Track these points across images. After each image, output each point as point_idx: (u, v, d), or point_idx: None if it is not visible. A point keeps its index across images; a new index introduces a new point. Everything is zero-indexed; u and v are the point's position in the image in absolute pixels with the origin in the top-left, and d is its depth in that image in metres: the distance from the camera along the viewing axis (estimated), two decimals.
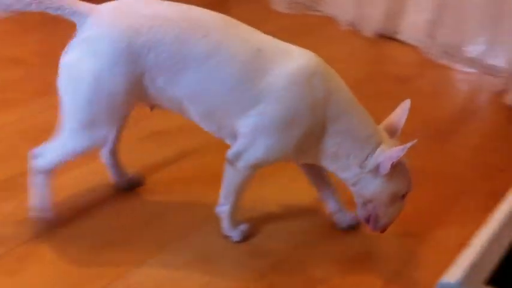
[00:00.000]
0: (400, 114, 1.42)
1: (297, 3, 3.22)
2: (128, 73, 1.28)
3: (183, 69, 1.28)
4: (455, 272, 0.52)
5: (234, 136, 1.37)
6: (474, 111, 2.44)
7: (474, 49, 2.73)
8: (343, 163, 1.38)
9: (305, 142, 1.35)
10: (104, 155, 1.59)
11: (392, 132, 1.42)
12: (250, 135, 1.33)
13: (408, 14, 2.93)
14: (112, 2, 1.34)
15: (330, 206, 1.59)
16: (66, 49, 1.31)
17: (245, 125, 1.32)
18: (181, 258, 1.45)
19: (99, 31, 1.28)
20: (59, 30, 1.55)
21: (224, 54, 1.29)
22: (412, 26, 2.90)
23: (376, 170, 1.36)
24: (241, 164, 1.37)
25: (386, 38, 2.97)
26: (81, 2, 1.31)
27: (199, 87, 1.31)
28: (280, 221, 1.63)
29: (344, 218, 1.58)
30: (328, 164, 1.41)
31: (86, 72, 1.27)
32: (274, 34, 1.39)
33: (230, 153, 1.38)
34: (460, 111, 2.40)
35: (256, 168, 1.40)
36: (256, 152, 1.35)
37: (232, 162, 1.38)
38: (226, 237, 1.50)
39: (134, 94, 1.33)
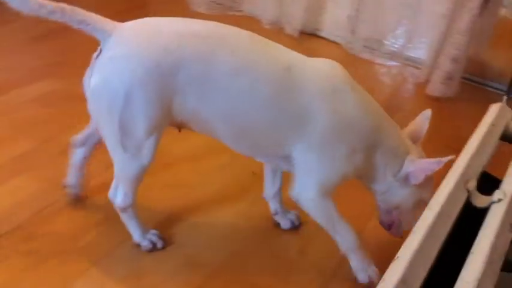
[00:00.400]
0: (421, 122, 1.43)
1: (217, 4, 3.17)
2: (159, 94, 1.21)
3: (213, 88, 1.22)
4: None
5: (272, 157, 1.34)
6: (400, 104, 2.47)
7: (395, 42, 2.78)
8: (380, 174, 1.35)
9: (356, 157, 1.30)
10: (77, 156, 1.53)
11: (414, 139, 1.41)
12: (301, 164, 1.29)
13: (329, 11, 2.94)
14: (136, 21, 1.26)
15: (274, 206, 1.59)
16: (90, 72, 1.24)
17: (292, 151, 1.28)
18: (113, 275, 1.38)
19: (126, 50, 1.20)
20: None
21: (253, 74, 1.22)
22: (333, 23, 2.92)
23: (405, 179, 1.35)
24: (308, 196, 1.32)
25: (309, 35, 2.97)
26: (105, 19, 1.23)
27: (229, 108, 1.24)
28: (214, 229, 1.58)
29: (286, 219, 1.60)
30: (366, 177, 1.38)
31: (116, 95, 1.19)
32: None
33: (293, 192, 1.33)
34: (385, 105, 2.40)
35: (325, 194, 1.32)
36: (313, 178, 1.30)
37: (298, 199, 1.33)
38: None
39: (167, 115, 1.25)
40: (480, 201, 0.70)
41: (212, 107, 1.24)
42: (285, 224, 1.60)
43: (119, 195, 1.38)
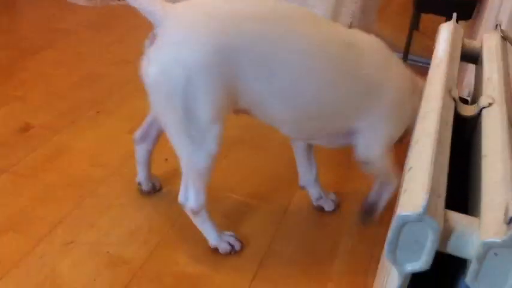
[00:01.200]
0: None
1: None
2: (221, 78, 1.15)
3: (279, 69, 1.18)
4: (415, 200, 0.39)
5: (334, 134, 1.34)
6: None
7: None
8: None
9: (415, 114, 1.29)
10: (139, 152, 1.51)
11: None
12: (368, 131, 1.30)
13: None
14: (188, 2, 1.19)
15: (316, 192, 1.57)
16: (146, 58, 1.16)
17: (358, 122, 1.29)
18: (28, 284, 1.22)
19: (183, 35, 1.15)
20: None
21: (317, 51, 1.20)
22: None
23: None
24: (377, 154, 1.33)
25: None
26: (157, 1, 1.16)
27: (295, 86, 1.21)
28: (133, 223, 1.44)
29: (329, 201, 1.58)
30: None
31: (177, 83, 1.13)
32: (77, 30, 1.21)
33: (360, 154, 1.33)
34: None
35: (390, 148, 1.35)
36: (381, 139, 1.32)
37: (367, 158, 1.34)
38: None
39: (231, 100, 1.20)
40: (467, 110, 0.64)
41: (278, 89, 1.20)
42: (329, 206, 1.57)
43: (190, 196, 1.31)
